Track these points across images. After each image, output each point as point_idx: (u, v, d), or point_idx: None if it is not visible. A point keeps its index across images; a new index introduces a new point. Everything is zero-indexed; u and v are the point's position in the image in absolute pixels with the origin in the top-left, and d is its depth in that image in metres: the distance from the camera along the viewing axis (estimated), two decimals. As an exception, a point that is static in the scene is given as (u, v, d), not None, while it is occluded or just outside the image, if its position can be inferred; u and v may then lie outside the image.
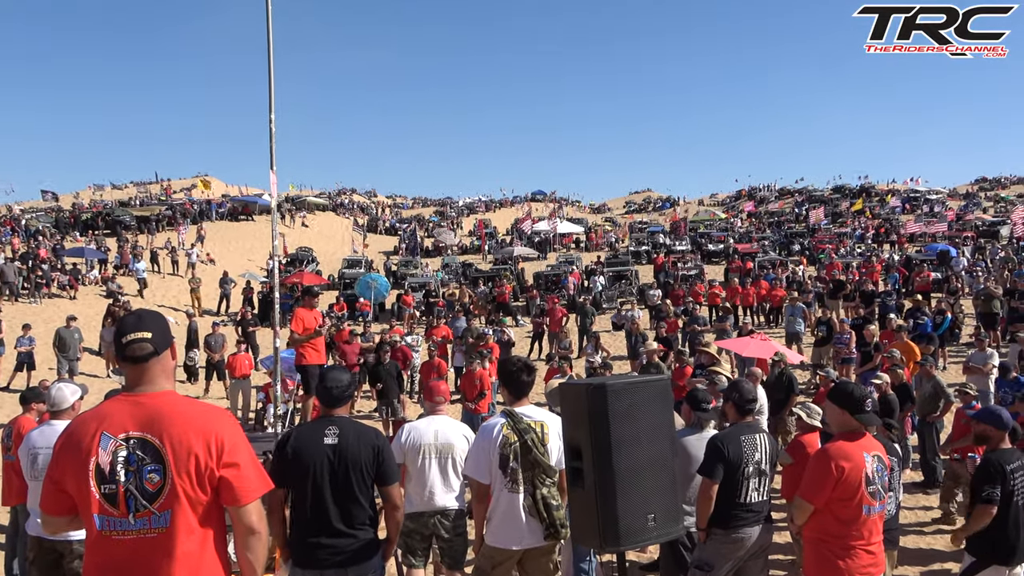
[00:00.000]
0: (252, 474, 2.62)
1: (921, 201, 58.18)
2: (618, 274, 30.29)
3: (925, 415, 9.73)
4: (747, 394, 4.94)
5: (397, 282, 32.42)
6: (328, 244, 47.46)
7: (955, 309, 18.92)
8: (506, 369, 4.42)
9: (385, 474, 3.89)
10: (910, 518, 8.63)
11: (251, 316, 21.17)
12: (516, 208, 74.31)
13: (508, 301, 26.59)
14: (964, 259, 29.49)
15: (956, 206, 55.58)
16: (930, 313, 17.09)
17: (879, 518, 4.03)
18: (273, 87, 9.29)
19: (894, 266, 27.68)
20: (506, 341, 17.02)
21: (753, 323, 22.21)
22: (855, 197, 61.25)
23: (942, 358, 15.77)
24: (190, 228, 39.93)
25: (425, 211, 72.62)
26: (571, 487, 3.60)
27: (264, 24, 9.25)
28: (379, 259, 41.61)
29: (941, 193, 64.92)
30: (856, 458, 3.92)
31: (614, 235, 50.82)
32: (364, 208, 68.77)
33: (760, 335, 14.17)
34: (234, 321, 22.84)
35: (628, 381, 3.52)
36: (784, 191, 75.14)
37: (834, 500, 3.91)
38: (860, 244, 39.18)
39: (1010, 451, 5.02)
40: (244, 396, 14.47)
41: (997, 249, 33.67)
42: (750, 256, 33.36)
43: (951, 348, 17.36)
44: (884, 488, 4.01)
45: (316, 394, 4.22)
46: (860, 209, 54.73)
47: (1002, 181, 73.91)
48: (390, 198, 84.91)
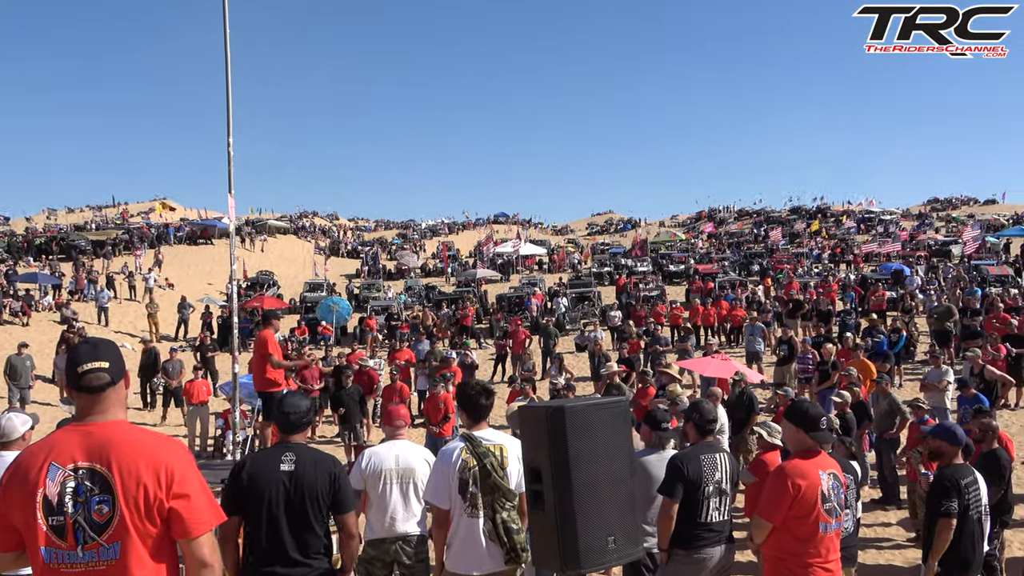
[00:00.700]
0: (203, 505, 2.57)
1: (875, 222, 59.48)
2: (581, 295, 30.44)
3: (882, 432, 9.88)
4: (707, 414, 4.99)
5: (359, 305, 32.21)
6: (289, 267, 47.05)
7: (910, 327, 19.31)
8: (464, 393, 4.41)
9: (341, 502, 3.84)
10: (868, 535, 8.73)
11: (210, 341, 20.87)
12: (479, 230, 74.42)
13: (471, 323, 26.56)
14: (918, 278, 30.16)
15: (909, 226, 56.94)
16: (885, 331, 17.41)
17: (836, 535, 4.07)
18: (231, 110, 9.26)
19: (850, 285, 28.22)
20: (470, 364, 16.96)
21: (715, 343, 22.42)
22: (812, 218, 62.47)
23: (898, 376, 16.07)
24: (147, 252, 39.34)
25: (388, 234, 72.42)
26: (531, 510, 3.59)
27: (222, 47, 9.21)
28: (341, 282, 41.33)
29: (895, 214, 66.42)
30: (812, 476, 3.96)
31: (577, 256, 51.09)
32: (326, 231, 68.36)
33: (721, 355, 14.31)
34: (192, 346, 22.49)
35: (587, 403, 3.54)
36: (743, 212, 76.29)
37: (791, 518, 3.95)
38: (817, 264, 39.90)
39: (963, 467, 5.12)
40: (202, 423, 14.22)
41: (949, 268, 34.49)
42: (711, 276, 33.75)
43: (907, 366, 17.69)
44: (840, 505, 4.05)
45: (274, 420, 4.16)
46: (817, 230, 55.80)
47: (953, 201, 75.97)
48: (352, 221, 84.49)
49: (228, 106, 9.24)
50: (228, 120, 9.23)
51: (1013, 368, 14.05)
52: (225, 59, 9.22)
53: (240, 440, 11.52)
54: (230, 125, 9.22)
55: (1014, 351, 14.23)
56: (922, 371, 15.72)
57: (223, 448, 13.14)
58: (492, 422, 4.50)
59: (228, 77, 9.23)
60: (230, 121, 9.23)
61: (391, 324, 25.74)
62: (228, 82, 9.24)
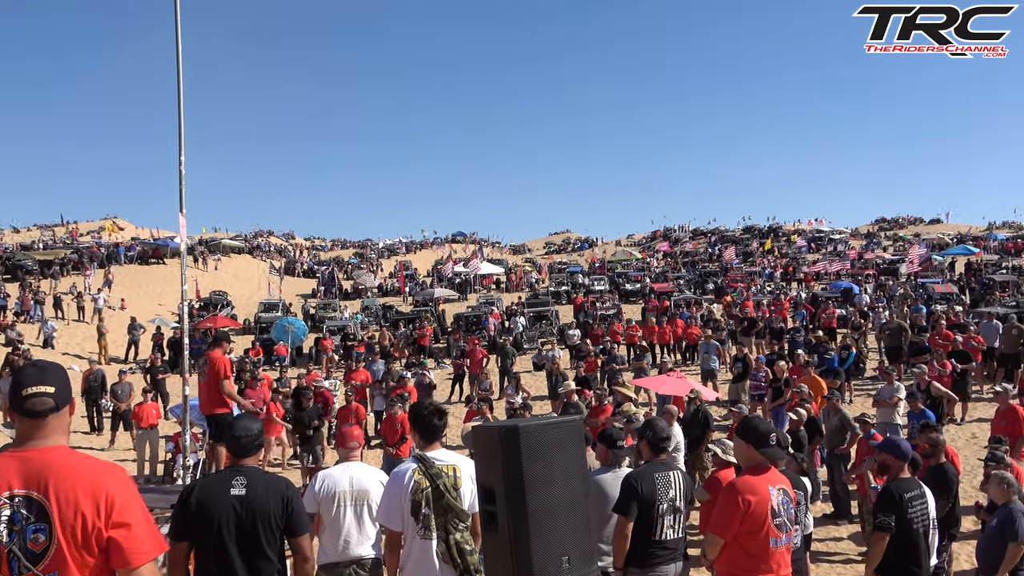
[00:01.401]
0: (144, 535, 2.50)
1: (826, 241, 60.88)
2: (538, 314, 30.53)
3: (833, 448, 10.05)
4: (660, 432, 5.02)
5: (315, 325, 31.91)
6: (244, 287, 46.41)
7: (859, 344, 19.72)
8: (417, 413, 4.37)
9: (295, 525, 3.78)
10: (821, 549, 8.84)
11: (160, 363, 20.45)
12: (437, 250, 74.33)
13: (429, 343, 26.46)
14: (866, 296, 30.84)
15: (858, 245, 58.37)
16: (836, 348, 17.73)
17: (786, 550, 4.12)
18: (183, 128, 9.12)
19: (802, 303, 28.74)
20: (427, 384, 16.86)
21: (670, 361, 22.63)
22: (764, 237, 63.62)
23: (848, 392, 16.35)
24: (97, 272, 38.47)
25: (344, 253, 71.96)
26: (485, 531, 3.57)
27: (174, 62, 9.11)
28: (297, 302, 40.86)
29: (844, 233, 68.06)
30: (762, 491, 4.01)
31: (534, 276, 51.27)
32: (281, 250, 67.66)
33: (676, 373, 14.44)
34: (143, 368, 22.01)
35: (540, 423, 3.55)
36: (697, 231, 77.44)
37: (742, 533, 3.99)
38: (770, 282, 40.58)
39: (909, 480, 5.22)
40: (152, 447, 13.89)
41: (896, 286, 35.35)
42: (666, 295, 34.09)
43: (856, 382, 18.03)
44: (790, 520, 4.11)
45: (225, 444, 4.09)
46: (769, 249, 56.88)
47: (900, 221, 78.09)
48: (308, 240, 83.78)
49: (180, 124, 9.11)
50: (180, 138, 9.09)
51: (958, 384, 14.42)
52: (177, 77, 9.11)
53: (191, 464, 11.25)
54: (182, 143, 9.08)
55: (959, 367, 14.62)
56: (871, 387, 16.04)
57: (173, 472, 12.83)
58: (450, 442, 4.48)
59: (180, 94, 9.11)
60: (182, 139, 9.09)
61: (347, 344, 25.50)
62: (180, 99, 9.12)
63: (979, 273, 38.30)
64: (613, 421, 9.38)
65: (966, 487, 9.35)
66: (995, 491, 6.13)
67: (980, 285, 33.51)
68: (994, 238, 56.31)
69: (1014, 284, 32.23)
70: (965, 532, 8.07)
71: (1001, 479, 6.10)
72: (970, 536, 8.29)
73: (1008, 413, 9.65)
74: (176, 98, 9.07)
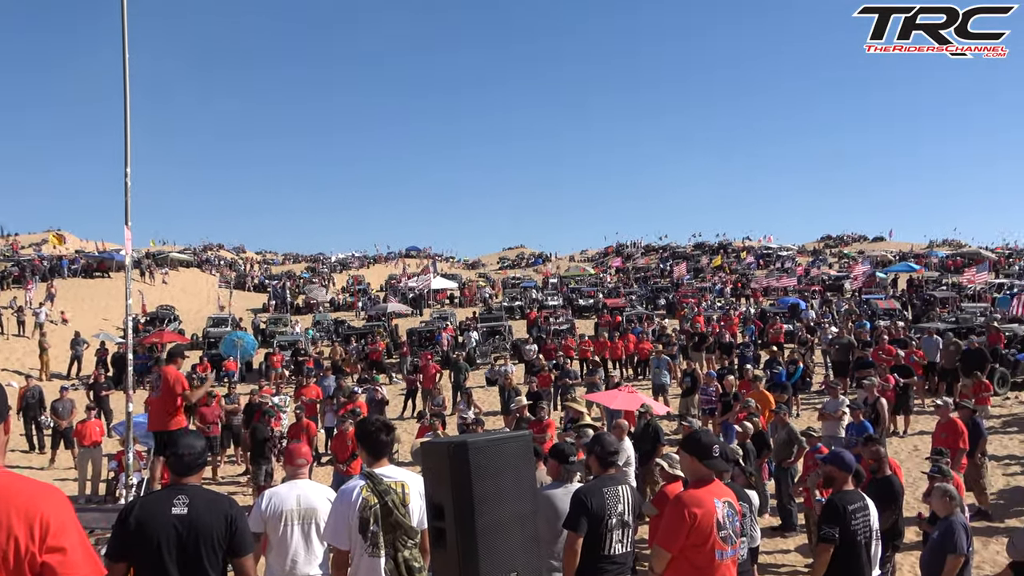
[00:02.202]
0: (80, 559, 2.41)
1: (773, 257, 62.09)
2: (492, 329, 30.51)
3: (780, 461, 10.21)
4: (609, 446, 5.04)
5: (266, 340, 31.43)
6: (192, 302, 45.55)
7: (806, 359, 20.13)
8: (364, 429, 4.33)
9: (238, 545, 3.70)
10: (768, 561, 8.96)
11: (104, 379, 19.92)
12: (390, 264, 73.94)
13: (381, 358, 26.25)
14: (812, 312, 31.51)
15: (805, 262, 59.70)
16: (783, 363, 18.06)
17: (732, 563, 4.15)
18: (129, 139, 8.95)
19: (751, 319, 29.22)
20: (379, 400, 16.71)
21: (622, 376, 22.81)
22: (714, 253, 64.67)
23: (795, 406, 16.65)
24: (39, 286, 37.39)
25: (296, 267, 71.12)
26: (433, 548, 3.55)
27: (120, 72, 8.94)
28: (247, 317, 40.22)
29: (791, 250, 69.48)
30: (707, 504, 4.05)
31: (488, 291, 51.29)
32: (231, 264, 66.62)
33: (627, 387, 14.55)
34: (86, 385, 21.42)
35: (490, 438, 3.54)
36: (649, 248, 78.29)
37: (688, 546, 4.01)
38: (720, 298, 41.20)
39: (852, 492, 5.32)
40: (94, 465, 13.49)
41: (841, 302, 36.20)
42: (619, 310, 34.38)
43: (803, 396, 18.37)
44: (736, 533, 4.15)
45: (166, 461, 3.99)
46: (719, 265, 57.81)
47: (845, 238, 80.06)
48: (260, 254, 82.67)
49: (126, 134, 8.94)
50: (126, 149, 8.93)
51: (900, 398, 14.79)
52: (124, 85, 8.95)
53: (134, 483, 10.98)
54: (127, 154, 8.91)
55: (902, 381, 15.01)
56: (818, 401, 16.36)
57: (116, 492, 12.49)
58: (404, 459, 4.44)
59: (126, 104, 8.95)
60: (127, 150, 8.92)
61: (298, 360, 25.18)
62: (126, 109, 8.96)
63: (920, 290, 39.44)
64: (565, 436, 9.42)
65: (908, 498, 9.57)
66: (938, 504, 6.29)
67: (921, 301, 34.49)
68: (935, 256, 58.07)
69: (953, 300, 33.24)
70: (908, 543, 8.25)
71: (944, 492, 6.26)
72: (913, 547, 8.49)
73: (948, 426, 9.91)
74: (123, 108, 8.91)
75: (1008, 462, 12.88)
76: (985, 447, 10.54)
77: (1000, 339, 18.99)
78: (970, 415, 10.24)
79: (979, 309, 29.07)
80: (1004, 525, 9.74)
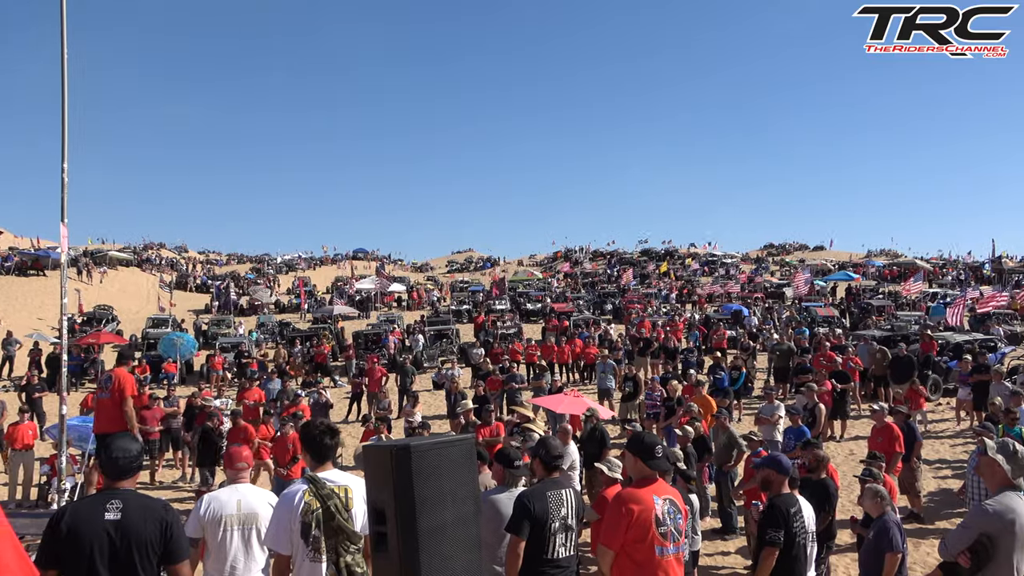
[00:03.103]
0: (13, 565, 2.36)
1: (718, 264, 63.21)
2: (439, 333, 30.43)
3: (721, 464, 10.38)
4: (553, 450, 5.06)
5: (208, 342, 30.82)
6: (132, 302, 44.45)
7: (748, 364, 20.50)
8: (307, 432, 4.29)
9: (173, 552, 3.62)
10: (709, 563, 9.10)
11: (37, 380, 19.29)
12: (338, 266, 73.15)
13: (327, 361, 25.96)
14: (755, 318, 32.14)
15: (748, 269, 60.88)
16: (726, 368, 18.38)
17: (675, 560, 4.21)
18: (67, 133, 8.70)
19: (695, 325, 29.67)
20: (324, 403, 16.50)
21: (568, 380, 22.94)
22: (661, 260, 65.55)
23: (737, 411, 16.95)
24: (-32, 284, 36.09)
25: (241, 268, 69.88)
26: (374, 552, 3.53)
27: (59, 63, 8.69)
28: (189, 318, 39.37)
29: (735, 257, 70.84)
30: (646, 500, 4.13)
31: (436, 294, 51.12)
32: (173, 264, 65.17)
33: (573, 392, 14.65)
34: (18, 386, 20.72)
35: (433, 442, 3.54)
36: (597, 253, 78.94)
37: (628, 542, 4.09)
38: (665, 304, 41.75)
39: (790, 496, 5.43)
40: (26, 469, 13.04)
41: (783, 309, 37.00)
42: (566, 315, 34.59)
43: (745, 401, 18.71)
44: (679, 530, 4.21)
45: (100, 465, 3.88)
46: (665, 271, 58.64)
47: (787, 247, 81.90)
48: (203, 253, 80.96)
49: (63, 128, 8.68)
50: (63, 143, 8.67)
51: (837, 403, 15.18)
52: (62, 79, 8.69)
53: (67, 487, 10.67)
54: (65, 149, 8.65)
55: (839, 386, 15.39)
56: (759, 406, 16.67)
57: (48, 497, 12.12)
58: (346, 462, 4.41)
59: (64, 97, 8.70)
60: (65, 144, 8.67)
61: (241, 362, 24.74)
62: (64, 103, 8.70)
63: (858, 298, 40.60)
64: (510, 440, 9.44)
65: (844, 501, 9.83)
66: (869, 504, 6.47)
67: (859, 309, 35.47)
68: (872, 265, 59.78)
69: (889, 309, 34.25)
70: (842, 545, 8.47)
71: (875, 493, 6.45)
72: (847, 549, 8.71)
73: (884, 431, 10.19)
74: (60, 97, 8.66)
75: (939, 466, 13.31)
76: (920, 451, 10.87)
77: (933, 347, 19.60)
78: (904, 420, 10.55)
79: (914, 317, 29.99)
80: (935, 527, 10.05)
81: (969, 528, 4.31)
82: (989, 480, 4.44)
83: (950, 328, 25.59)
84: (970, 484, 8.40)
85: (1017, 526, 4.20)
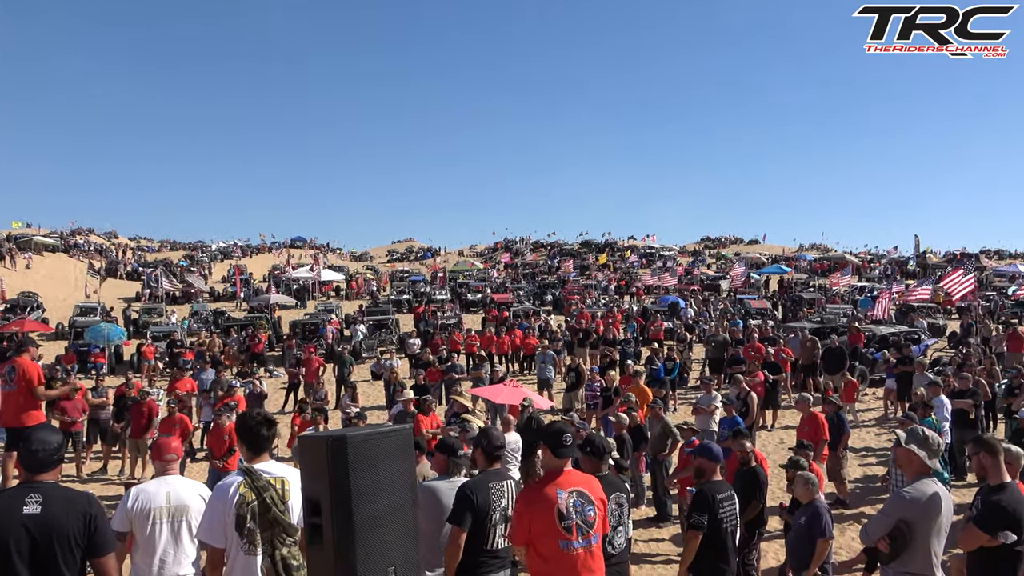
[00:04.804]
0: None
1: (656, 257, 64.12)
2: (379, 323, 30.17)
3: (656, 453, 10.57)
4: (495, 440, 5.09)
5: (139, 331, 29.99)
6: (59, 289, 42.99)
7: (684, 356, 20.90)
8: (244, 423, 4.22)
9: (97, 545, 3.53)
10: (644, 550, 9.27)
11: (-45, 371, 18.48)
12: (275, 254, 71.88)
13: (263, 351, 25.51)
14: (691, 310, 32.72)
15: (685, 262, 61.94)
16: (662, 359, 18.70)
17: (584, 553, 4.19)
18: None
19: (633, 316, 30.06)
20: (258, 393, 16.23)
21: (508, 370, 23.01)
22: (600, 252, 66.18)
23: (672, 401, 17.26)
24: None
25: (174, 255, 68.10)
26: (309, 544, 3.49)
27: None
28: (118, 306, 38.22)
29: (673, 250, 71.98)
30: (548, 496, 4.17)
31: (375, 283, 50.65)
32: (103, 250, 63.17)
33: (512, 382, 14.71)
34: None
35: (369, 432, 3.52)
36: (538, 244, 79.30)
37: (534, 538, 4.15)
38: (604, 295, 42.19)
39: (720, 483, 5.58)
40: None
41: (718, 301, 37.75)
42: (506, 306, 34.67)
43: (680, 391, 19.07)
44: (587, 523, 4.21)
45: (19, 458, 3.77)
46: (604, 263, 59.24)
47: (723, 240, 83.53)
48: (134, 240, 78.60)
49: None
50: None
51: (769, 393, 15.59)
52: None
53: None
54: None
55: (771, 377, 15.81)
56: (694, 396, 17.01)
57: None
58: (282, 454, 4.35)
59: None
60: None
61: (173, 351, 24.14)
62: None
63: (790, 291, 41.67)
64: (449, 431, 9.44)
65: (773, 489, 10.09)
66: (800, 491, 6.68)
67: (791, 302, 36.42)
68: (803, 259, 61.40)
69: (819, 302, 35.26)
70: (771, 531, 8.71)
71: (805, 480, 6.67)
72: (777, 535, 8.96)
73: (810, 420, 10.51)
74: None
75: (865, 454, 13.80)
76: (847, 441, 11.24)
77: (860, 338, 20.26)
78: (836, 411, 10.89)
79: (842, 310, 30.93)
80: (859, 511, 10.44)
81: (888, 515, 4.48)
82: (907, 469, 4.62)
83: (876, 321, 26.48)
84: (892, 473, 8.73)
85: (933, 512, 4.38)
